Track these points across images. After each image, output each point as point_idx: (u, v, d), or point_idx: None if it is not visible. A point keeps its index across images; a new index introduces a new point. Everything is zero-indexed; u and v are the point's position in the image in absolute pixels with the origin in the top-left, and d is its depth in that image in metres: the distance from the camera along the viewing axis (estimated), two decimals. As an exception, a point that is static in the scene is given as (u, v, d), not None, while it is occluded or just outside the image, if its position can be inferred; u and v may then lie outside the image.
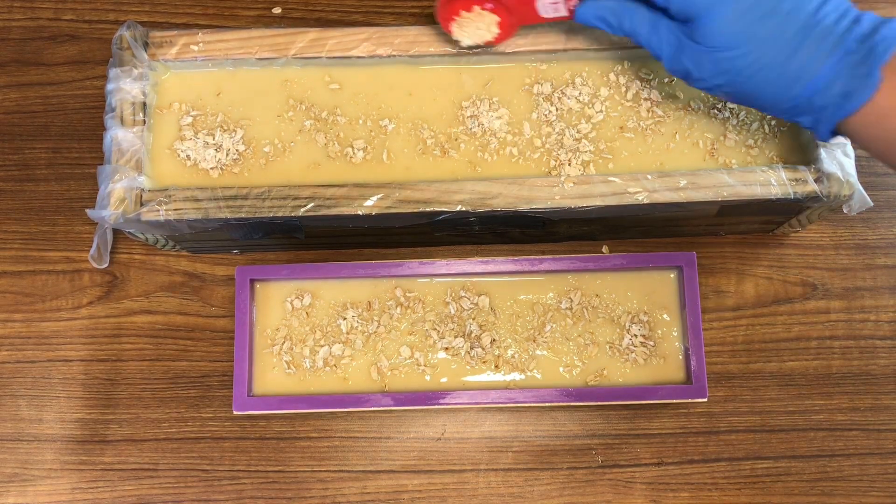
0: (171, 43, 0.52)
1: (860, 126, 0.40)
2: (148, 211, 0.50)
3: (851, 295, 0.60)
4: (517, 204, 0.50)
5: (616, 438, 0.58)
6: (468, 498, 0.57)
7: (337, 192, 0.50)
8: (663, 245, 0.61)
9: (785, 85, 0.41)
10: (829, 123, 0.41)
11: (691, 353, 0.52)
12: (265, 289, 0.55)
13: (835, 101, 0.40)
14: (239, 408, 0.52)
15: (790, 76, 0.40)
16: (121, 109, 0.51)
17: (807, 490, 0.57)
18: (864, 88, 0.39)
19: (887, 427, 0.58)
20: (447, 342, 0.53)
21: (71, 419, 0.59)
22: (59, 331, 0.60)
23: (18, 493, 0.58)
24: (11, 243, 0.61)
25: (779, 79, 0.41)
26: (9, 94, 0.64)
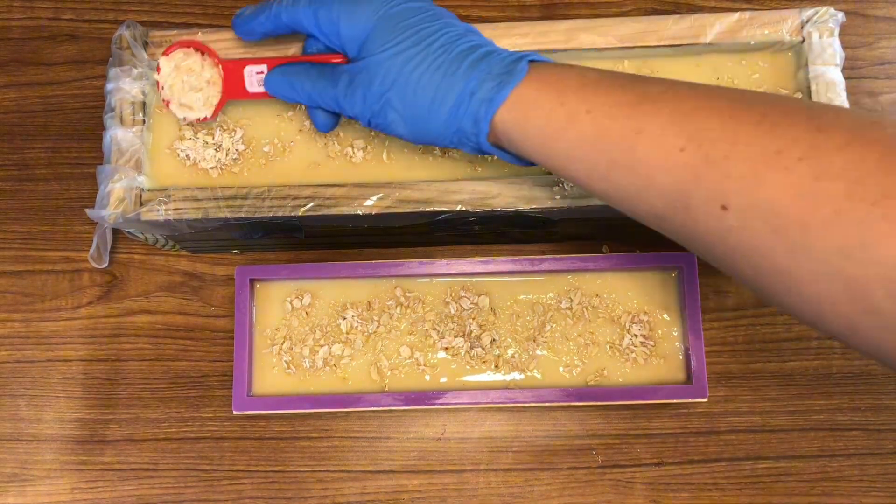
0: (171, 43, 0.52)
1: (512, 122, 0.41)
2: (147, 211, 0.50)
3: (852, 295, 0.59)
4: (517, 204, 0.50)
5: (616, 438, 0.58)
6: (468, 498, 0.57)
7: (337, 191, 0.50)
8: (663, 245, 0.60)
9: (446, 85, 0.42)
10: (486, 118, 0.42)
11: (691, 353, 0.52)
12: (265, 289, 0.55)
13: (489, 94, 0.41)
14: (239, 408, 0.52)
15: (450, 75, 0.42)
16: (120, 109, 0.51)
17: (807, 490, 0.57)
18: (514, 76, 0.41)
19: (888, 427, 0.58)
20: (447, 342, 0.53)
21: (70, 419, 0.59)
22: (58, 330, 0.60)
23: (18, 493, 0.58)
24: (11, 243, 0.61)
25: (441, 80, 0.42)
26: (8, 93, 0.63)
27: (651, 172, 0.37)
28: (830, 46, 0.50)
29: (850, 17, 0.63)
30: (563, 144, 0.40)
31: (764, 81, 0.52)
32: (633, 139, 0.37)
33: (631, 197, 0.39)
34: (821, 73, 0.50)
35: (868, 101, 0.62)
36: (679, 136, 0.36)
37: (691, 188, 0.35)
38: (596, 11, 0.64)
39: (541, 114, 0.40)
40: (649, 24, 0.52)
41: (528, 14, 0.64)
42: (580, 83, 0.40)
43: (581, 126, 0.39)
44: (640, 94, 0.38)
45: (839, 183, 0.31)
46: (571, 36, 0.52)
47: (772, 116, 0.34)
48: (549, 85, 0.40)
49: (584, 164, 0.40)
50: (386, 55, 0.43)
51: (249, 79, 0.49)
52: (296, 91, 0.47)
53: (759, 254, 0.34)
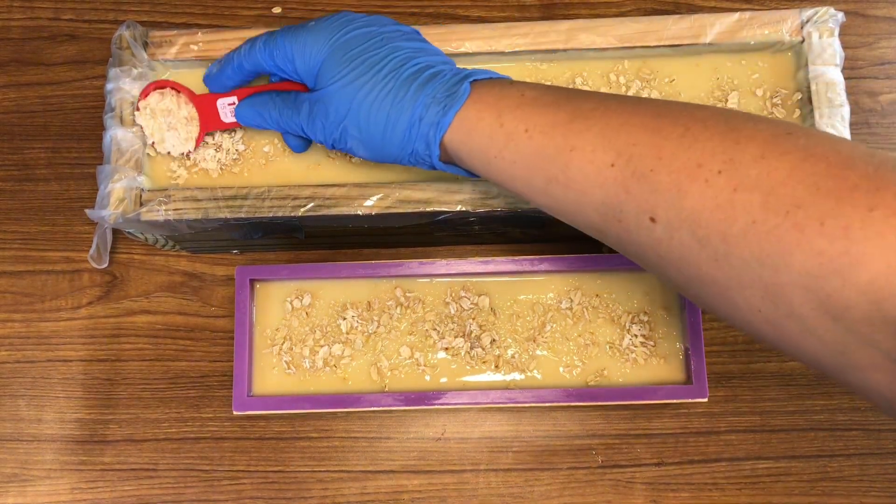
0: (171, 43, 0.52)
1: (458, 143, 0.43)
2: (147, 211, 0.50)
3: (852, 295, 0.59)
4: (517, 204, 0.50)
5: (616, 438, 0.58)
6: (468, 498, 0.57)
7: (337, 191, 0.50)
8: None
9: (396, 112, 0.43)
10: (434, 142, 0.43)
11: (691, 353, 0.52)
12: (265, 289, 0.55)
13: (436, 118, 0.42)
14: (239, 408, 0.52)
15: (398, 103, 0.43)
16: (120, 109, 0.51)
17: (807, 490, 0.57)
18: (456, 100, 0.42)
19: (887, 427, 0.57)
20: (447, 342, 0.53)
21: (70, 419, 0.59)
22: (58, 331, 0.60)
23: (18, 494, 0.58)
24: (11, 243, 0.61)
25: (391, 108, 0.43)
26: (8, 93, 0.63)
27: (585, 188, 0.38)
28: (830, 46, 0.50)
29: (850, 17, 0.63)
30: (503, 163, 0.41)
31: (764, 81, 0.52)
32: (568, 156, 0.39)
33: (570, 210, 0.40)
34: (821, 73, 0.50)
35: (868, 101, 0.62)
36: (609, 152, 0.37)
37: (622, 202, 0.37)
38: (595, 11, 0.64)
39: (482, 134, 0.42)
40: (649, 25, 0.52)
41: (528, 14, 0.64)
42: (518, 102, 0.41)
43: (519, 145, 0.40)
44: (572, 112, 0.39)
45: (755, 194, 0.32)
46: (571, 36, 0.52)
47: (693, 130, 0.36)
48: (489, 105, 0.42)
49: (525, 181, 0.41)
50: (337, 86, 0.44)
51: (223, 110, 0.50)
52: (264, 120, 0.49)
53: (686, 263, 0.35)
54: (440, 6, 0.65)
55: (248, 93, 0.49)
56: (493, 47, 0.52)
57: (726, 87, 0.53)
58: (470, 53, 0.53)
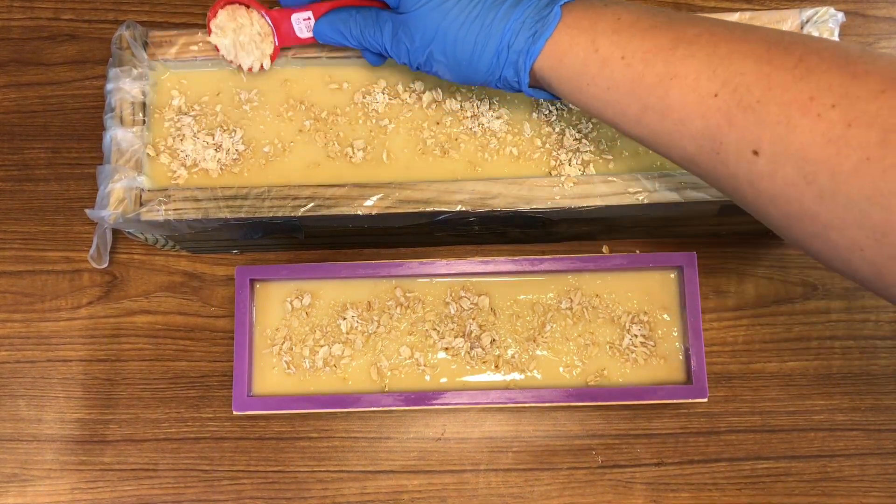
0: (171, 42, 0.52)
1: (549, 69, 0.41)
2: (147, 211, 0.50)
3: (852, 295, 0.60)
4: (517, 204, 0.50)
5: (616, 438, 0.58)
6: (468, 498, 0.57)
7: (337, 192, 0.50)
8: (663, 245, 0.61)
9: (484, 37, 0.42)
10: (525, 69, 0.42)
11: (691, 353, 0.52)
12: (265, 289, 0.55)
13: (526, 44, 0.41)
14: (239, 408, 0.52)
15: (487, 27, 0.42)
16: (120, 109, 0.51)
17: (807, 490, 0.57)
18: (547, 26, 0.41)
19: (888, 427, 0.57)
20: (447, 342, 0.53)
21: (70, 419, 0.59)
22: (58, 331, 0.60)
23: (18, 494, 0.58)
24: (11, 243, 0.61)
25: (479, 32, 0.42)
26: (8, 93, 0.63)
27: (683, 117, 0.37)
28: (830, 46, 0.50)
29: (850, 17, 0.63)
30: (596, 90, 0.40)
31: (764, 81, 0.52)
32: (667, 84, 0.37)
33: (663, 141, 0.39)
34: (821, 73, 0.50)
35: (868, 101, 0.62)
36: (713, 81, 0.36)
37: (724, 133, 0.36)
38: (596, 11, 0.64)
39: (575, 60, 0.40)
40: (649, 24, 0.52)
41: (528, 14, 0.64)
42: (614, 27, 0.40)
43: (615, 71, 0.39)
44: (674, 38, 0.38)
45: (873, 130, 0.31)
46: (571, 36, 0.52)
47: (807, 61, 0.34)
48: (583, 31, 0.40)
49: (618, 108, 0.40)
50: (423, 11, 0.43)
51: (297, 25, 0.50)
52: (344, 37, 0.48)
53: (787, 199, 0.34)
54: None
55: (324, 9, 0.49)
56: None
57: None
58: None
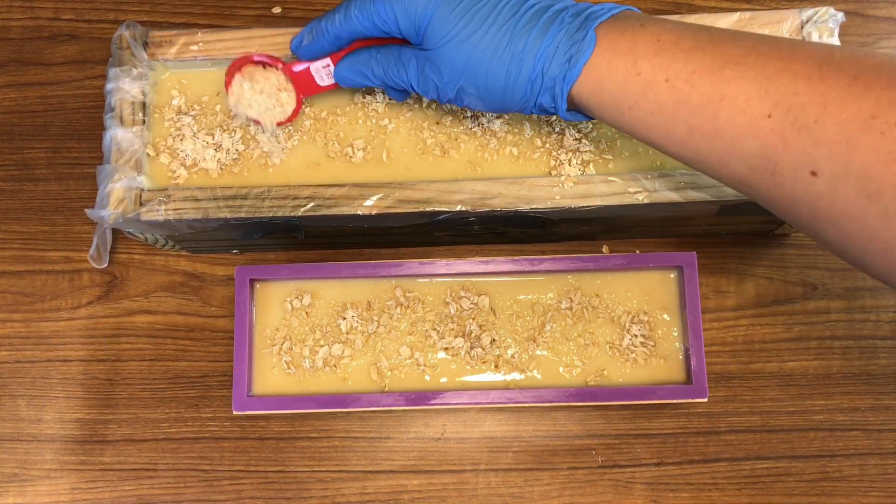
0: (171, 42, 0.52)
1: (588, 94, 0.41)
2: (147, 211, 0.50)
3: (852, 295, 0.60)
4: (517, 204, 0.50)
5: (616, 438, 0.58)
6: (468, 498, 0.57)
7: (337, 191, 0.50)
8: (663, 245, 0.61)
9: (516, 67, 0.41)
10: (562, 95, 0.41)
11: (691, 353, 0.52)
12: (265, 289, 0.55)
13: (562, 70, 0.40)
14: (238, 408, 0.52)
15: (517, 56, 0.41)
16: (120, 109, 0.51)
17: (807, 490, 0.57)
18: (583, 51, 0.40)
19: (887, 427, 0.57)
20: (447, 342, 0.53)
21: (70, 419, 0.59)
22: (58, 331, 0.60)
23: (18, 494, 0.58)
24: (11, 243, 0.61)
25: (510, 62, 0.41)
26: (8, 93, 0.63)
27: (735, 139, 0.36)
28: (830, 46, 0.50)
29: (850, 17, 0.63)
30: (639, 113, 0.39)
31: (764, 81, 0.52)
32: (716, 106, 0.37)
33: (712, 162, 0.38)
34: (821, 73, 0.50)
35: (868, 101, 0.62)
36: (765, 102, 0.35)
37: (778, 154, 0.35)
38: (596, 11, 0.64)
39: (615, 85, 0.40)
40: (649, 24, 0.52)
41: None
42: (655, 49, 0.39)
43: (659, 94, 0.38)
44: (721, 58, 0.37)
45: None
46: (571, 36, 0.52)
47: (864, 78, 0.33)
48: (622, 54, 0.39)
49: (662, 131, 0.39)
50: (450, 46, 0.42)
51: (318, 75, 0.49)
52: (367, 78, 0.47)
53: (848, 219, 0.34)
54: None
55: (342, 53, 0.48)
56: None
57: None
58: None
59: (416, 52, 0.44)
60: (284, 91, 0.50)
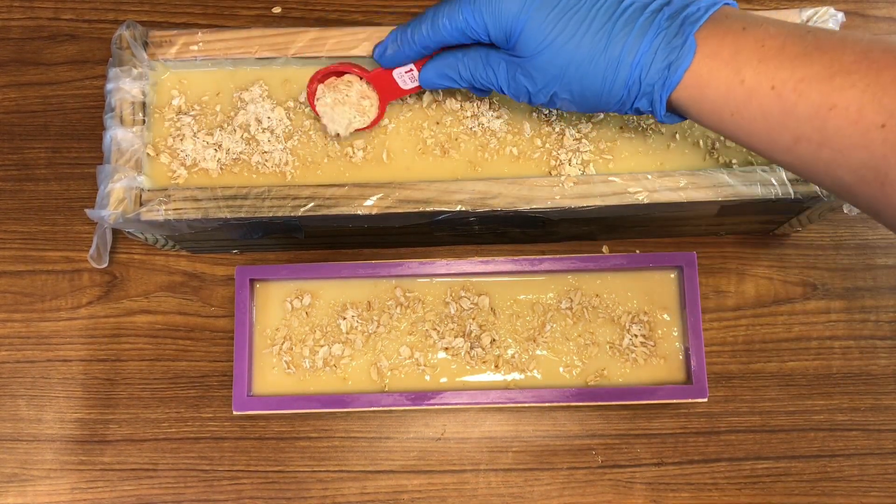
0: (171, 42, 0.52)
1: (687, 99, 0.40)
2: (147, 211, 0.50)
3: (852, 295, 0.60)
4: (517, 204, 0.50)
5: (616, 438, 0.58)
6: (468, 498, 0.57)
7: (337, 191, 0.50)
8: (663, 245, 0.61)
9: (612, 73, 0.41)
10: (661, 101, 0.41)
11: (691, 353, 0.52)
12: (265, 289, 0.55)
13: (661, 76, 0.40)
14: (238, 408, 0.52)
15: (613, 62, 0.41)
16: (120, 109, 0.51)
17: (807, 490, 0.57)
18: (682, 58, 0.39)
19: (887, 427, 0.57)
20: (447, 342, 0.53)
21: (70, 419, 0.59)
22: (58, 331, 0.60)
23: (18, 493, 0.58)
24: (11, 243, 0.61)
25: (606, 68, 0.41)
26: (8, 93, 0.63)
27: (843, 149, 0.36)
28: (830, 46, 0.50)
29: (850, 17, 0.63)
30: (741, 120, 0.39)
31: (764, 81, 0.52)
32: (825, 115, 0.36)
33: (818, 170, 0.38)
34: (821, 73, 0.50)
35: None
36: (879, 113, 0.34)
37: (891, 165, 0.34)
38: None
39: (717, 91, 0.39)
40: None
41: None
42: (759, 55, 0.38)
43: (763, 102, 0.38)
44: (830, 66, 0.36)
45: None
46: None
47: None
48: (724, 61, 0.39)
49: (766, 139, 0.39)
50: (544, 56, 0.42)
51: (401, 80, 0.49)
52: (454, 81, 0.47)
53: None
54: (440, 6, 0.65)
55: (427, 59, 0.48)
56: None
57: (726, 87, 0.53)
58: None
59: (506, 56, 0.44)
60: (367, 99, 0.50)
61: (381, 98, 0.50)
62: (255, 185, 0.51)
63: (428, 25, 0.45)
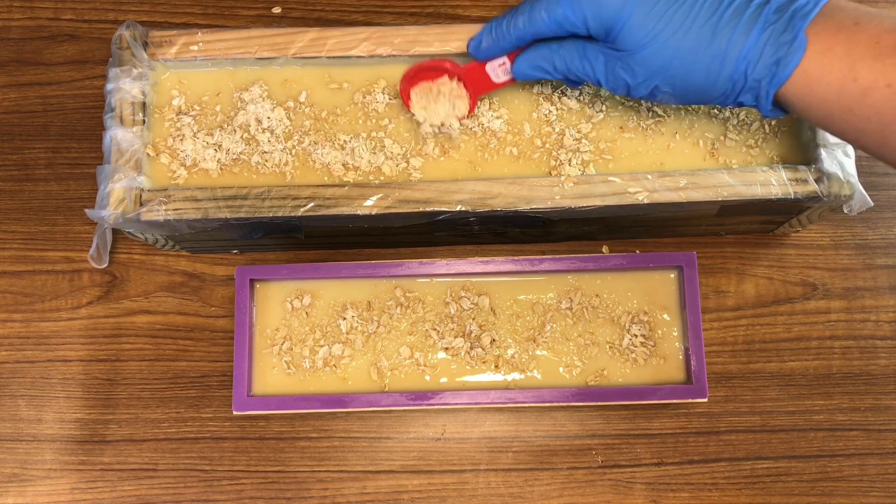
0: (171, 42, 0.52)
1: (795, 95, 0.40)
2: (147, 211, 0.50)
3: (852, 295, 0.60)
4: (517, 204, 0.50)
5: (616, 438, 0.58)
6: (468, 498, 0.57)
7: (337, 192, 0.50)
8: (663, 245, 0.61)
9: (717, 67, 0.40)
10: (767, 96, 0.40)
11: (691, 353, 0.52)
12: (265, 289, 0.55)
13: (768, 72, 0.39)
14: (238, 408, 0.52)
15: (719, 56, 0.40)
16: (120, 109, 0.51)
17: (807, 490, 0.57)
18: (792, 54, 0.38)
19: (887, 427, 0.57)
20: (447, 342, 0.53)
21: (70, 419, 0.59)
22: (58, 331, 0.60)
23: (18, 494, 0.58)
24: (11, 243, 0.61)
25: (710, 62, 0.40)
26: (8, 93, 0.63)
27: None
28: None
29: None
30: (853, 118, 0.38)
31: (764, 81, 0.52)
32: None
33: None
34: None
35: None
36: None
37: None
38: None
39: (828, 88, 0.38)
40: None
41: (528, 14, 0.64)
42: (874, 52, 0.37)
43: (878, 101, 0.37)
44: None
45: None
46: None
47: None
48: (837, 58, 0.38)
49: (877, 137, 0.38)
50: (648, 52, 0.41)
51: (493, 73, 0.49)
52: (548, 73, 0.46)
53: None
54: (440, 6, 0.65)
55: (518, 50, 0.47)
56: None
57: (726, 87, 0.53)
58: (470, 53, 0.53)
59: (604, 49, 0.43)
60: (459, 99, 0.50)
61: (473, 93, 0.50)
62: (255, 185, 0.51)
63: (525, 18, 0.44)
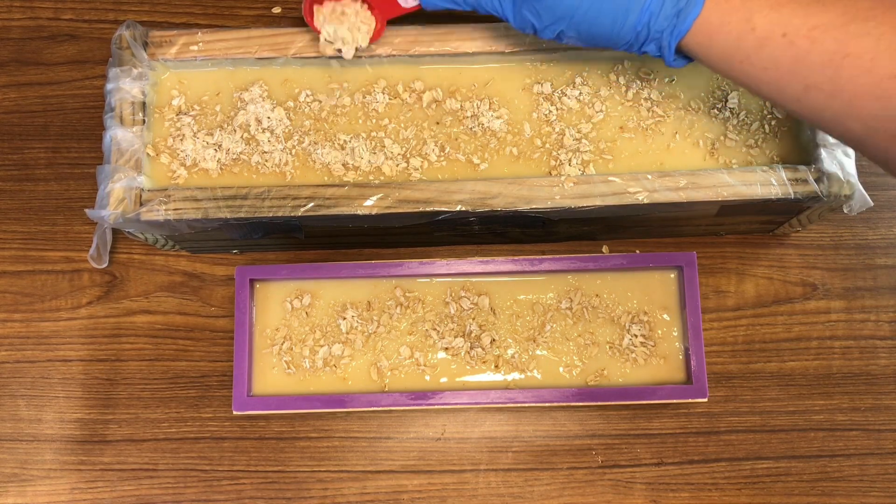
0: (171, 42, 0.52)
1: (697, 45, 0.40)
2: (147, 211, 0.50)
3: (852, 295, 0.59)
4: (517, 204, 0.50)
5: (616, 438, 0.58)
6: (468, 498, 0.57)
7: (337, 191, 0.50)
8: (663, 245, 0.61)
9: (621, 17, 0.41)
10: (669, 47, 0.41)
11: (691, 353, 0.52)
12: (265, 289, 0.55)
13: (669, 24, 0.40)
14: (238, 408, 0.52)
15: (622, 7, 0.41)
16: (120, 109, 0.51)
17: (807, 490, 0.57)
18: (692, 6, 0.39)
19: (887, 427, 0.57)
20: (447, 342, 0.53)
21: (70, 419, 0.59)
22: (58, 331, 0.60)
23: (17, 494, 0.58)
24: (11, 243, 0.61)
25: (615, 13, 0.41)
26: (8, 93, 0.63)
27: (855, 99, 0.35)
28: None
29: None
30: (751, 68, 0.38)
31: (764, 81, 0.52)
32: (838, 64, 0.35)
33: (826, 118, 0.37)
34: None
35: (868, 101, 0.62)
36: (893, 62, 0.34)
37: None
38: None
39: (727, 38, 0.38)
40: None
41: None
42: (771, 3, 0.37)
43: (774, 50, 0.37)
44: (844, 13, 0.35)
45: None
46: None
47: None
48: (735, 8, 0.38)
49: (776, 87, 0.38)
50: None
51: None
52: (456, 3, 0.47)
53: None
54: (440, 6, 0.65)
55: None
56: (493, 47, 0.52)
57: (726, 88, 0.53)
58: (470, 53, 0.53)
59: None
60: (364, 22, 0.50)
61: (380, 17, 0.50)
62: (255, 185, 0.51)
63: None
